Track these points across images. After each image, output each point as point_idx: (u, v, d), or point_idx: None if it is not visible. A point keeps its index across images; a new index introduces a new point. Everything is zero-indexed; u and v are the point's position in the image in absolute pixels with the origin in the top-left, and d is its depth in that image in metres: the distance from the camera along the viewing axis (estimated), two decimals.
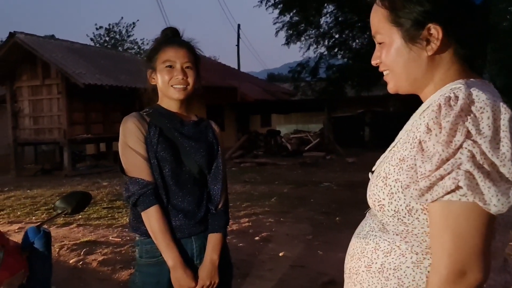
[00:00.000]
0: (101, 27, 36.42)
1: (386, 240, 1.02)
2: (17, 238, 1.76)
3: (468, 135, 0.84)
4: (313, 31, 18.53)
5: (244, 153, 16.33)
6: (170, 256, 1.63)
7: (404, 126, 1.07)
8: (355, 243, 1.13)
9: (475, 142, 0.83)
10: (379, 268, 1.02)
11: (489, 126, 0.83)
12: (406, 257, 0.98)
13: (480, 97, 0.86)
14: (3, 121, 15.05)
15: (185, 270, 1.64)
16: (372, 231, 1.07)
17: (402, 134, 1.05)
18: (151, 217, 1.63)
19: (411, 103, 1.09)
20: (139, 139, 1.68)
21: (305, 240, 5.13)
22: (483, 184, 0.82)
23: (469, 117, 0.84)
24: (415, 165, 0.90)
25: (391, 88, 1.09)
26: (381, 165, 1.06)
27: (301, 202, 7.47)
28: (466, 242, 0.84)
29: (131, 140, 1.68)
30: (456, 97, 0.87)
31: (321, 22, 18.30)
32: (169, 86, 1.73)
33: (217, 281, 1.71)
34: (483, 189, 0.82)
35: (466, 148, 0.83)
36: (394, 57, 1.02)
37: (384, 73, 1.09)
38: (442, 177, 0.84)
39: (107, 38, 36.26)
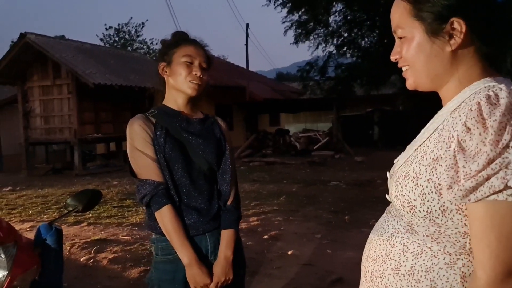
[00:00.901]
0: (110, 27, 36.71)
1: (415, 241, 1.00)
2: (29, 236, 1.79)
3: None
4: (322, 30, 18.42)
5: (253, 152, 16.35)
6: (185, 254, 1.65)
7: (429, 125, 1.05)
8: (377, 245, 1.09)
9: None
10: (409, 271, 0.99)
11: None
12: (439, 258, 0.96)
13: None
14: (14, 121, 15.21)
15: (200, 267, 1.66)
16: (397, 233, 1.05)
17: (428, 133, 1.02)
18: (164, 217, 1.65)
19: (421, 102, 1.07)
20: (146, 141, 1.70)
21: (313, 238, 5.13)
22: None
23: None
24: (455, 164, 0.87)
25: (411, 85, 1.07)
26: (407, 165, 1.03)
27: (309, 201, 7.47)
28: None
29: (138, 142, 1.70)
30: (497, 96, 0.86)
31: (330, 21, 18.18)
32: (185, 81, 1.74)
33: (231, 277, 1.72)
34: None
35: None
36: (416, 51, 1.01)
37: (404, 68, 1.07)
38: (489, 177, 0.82)
39: (116, 38, 36.50)
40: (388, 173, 1.14)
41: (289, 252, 4.57)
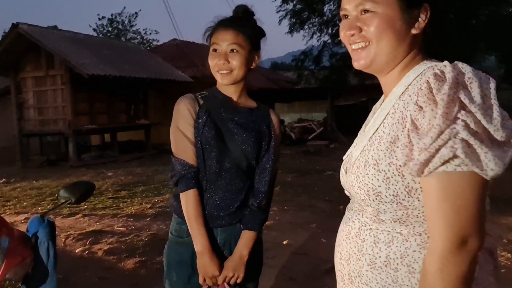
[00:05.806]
0: (103, 17, 36.50)
1: (384, 230, 1.00)
2: (23, 228, 1.79)
3: (461, 106, 0.85)
4: (317, 19, 18.36)
5: None
6: (199, 241, 1.63)
7: (378, 114, 1.06)
8: (347, 245, 1.09)
9: (469, 111, 0.84)
10: (385, 261, 0.99)
11: (479, 95, 0.85)
12: (410, 241, 0.97)
13: (466, 69, 0.88)
14: (8, 112, 15.09)
15: (212, 258, 1.63)
16: (365, 226, 1.05)
17: (380, 119, 1.03)
18: (188, 200, 1.64)
19: None
20: (189, 123, 1.67)
21: (308, 228, 5.16)
22: (480, 150, 0.83)
23: (460, 89, 0.86)
24: (410, 143, 0.89)
25: (363, 64, 1.06)
26: (365, 154, 1.03)
27: (304, 191, 7.49)
28: (466, 211, 0.86)
29: (181, 123, 1.68)
30: (443, 72, 0.89)
31: (325, 10, 18.13)
32: (215, 72, 1.69)
33: (241, 275, 1.68)
34: (480, 155, 0.83)
35: (460, 118, 0.84)
36: (385, 28, 1.00)
37: (359, 45, 1.05)
38: (440, 147, 0.85)
39: (110, 28, 36.13)
40: (342, 168, 1.14)
41: (284, 242, 4.59)
